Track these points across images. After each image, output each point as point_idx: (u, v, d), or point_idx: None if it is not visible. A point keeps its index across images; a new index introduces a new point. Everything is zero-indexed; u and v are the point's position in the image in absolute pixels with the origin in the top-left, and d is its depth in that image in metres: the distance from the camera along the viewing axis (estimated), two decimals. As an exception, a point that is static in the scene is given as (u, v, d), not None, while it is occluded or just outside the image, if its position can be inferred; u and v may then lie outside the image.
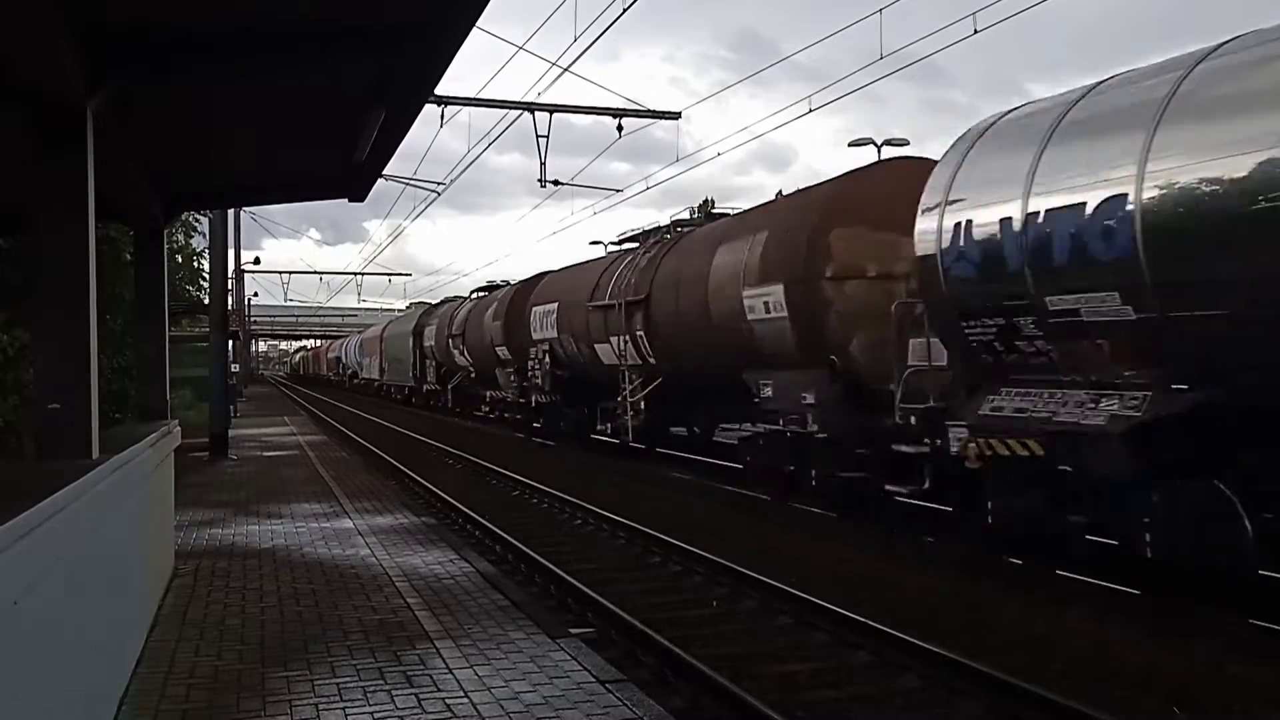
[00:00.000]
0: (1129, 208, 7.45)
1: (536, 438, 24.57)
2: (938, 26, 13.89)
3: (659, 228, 20.72)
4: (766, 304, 12.87)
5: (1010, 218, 8.58)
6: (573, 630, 6.81)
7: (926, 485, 10.10)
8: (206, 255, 22.52)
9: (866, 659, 6.90)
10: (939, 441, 9.64)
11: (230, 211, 24.29)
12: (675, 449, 19.70)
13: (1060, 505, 8.31)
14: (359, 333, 67.23)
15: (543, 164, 20.26)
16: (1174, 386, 7.45)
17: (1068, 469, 8.12)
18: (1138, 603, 7.90)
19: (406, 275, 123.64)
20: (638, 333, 17.37)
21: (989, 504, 8.98)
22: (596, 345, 19.59)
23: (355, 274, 65.11)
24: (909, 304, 10.49)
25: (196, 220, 20.95)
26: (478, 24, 5.50)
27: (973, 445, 8.96)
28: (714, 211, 18.58)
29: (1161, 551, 7.46)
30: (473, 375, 31.91)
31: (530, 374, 23.60)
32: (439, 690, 5.23)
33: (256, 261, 48.60)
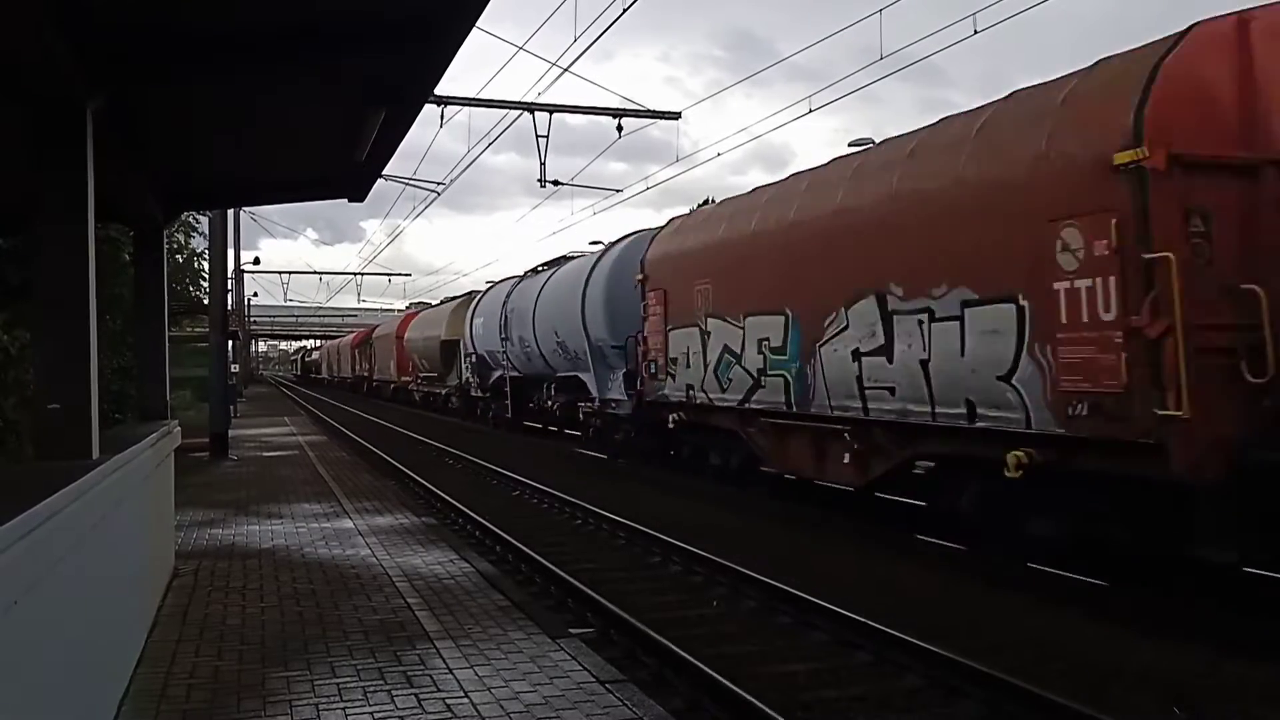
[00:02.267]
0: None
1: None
2: (938, 27, 13.88)
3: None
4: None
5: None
6: (573, 630, 6.82)
7: None
8: (206, 255, 22.49)
9: (866, 659, 6.90)
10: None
11: (230, 211, 24.29)
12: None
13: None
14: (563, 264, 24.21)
15: (543, 164, 20.27)
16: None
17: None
18: (1137, 603, 7.90)
19: (406, 275, 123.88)
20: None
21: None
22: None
23: (355, 274, 64.81)
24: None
25: (196, 220, 20.94)
26: (478, 24, 5.51)
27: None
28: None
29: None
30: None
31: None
32: (439, 690, 5.24)
33: (256, 262, 48.67)
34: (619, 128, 19.48)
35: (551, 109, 19.49)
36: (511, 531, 11.37)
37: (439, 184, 25.58)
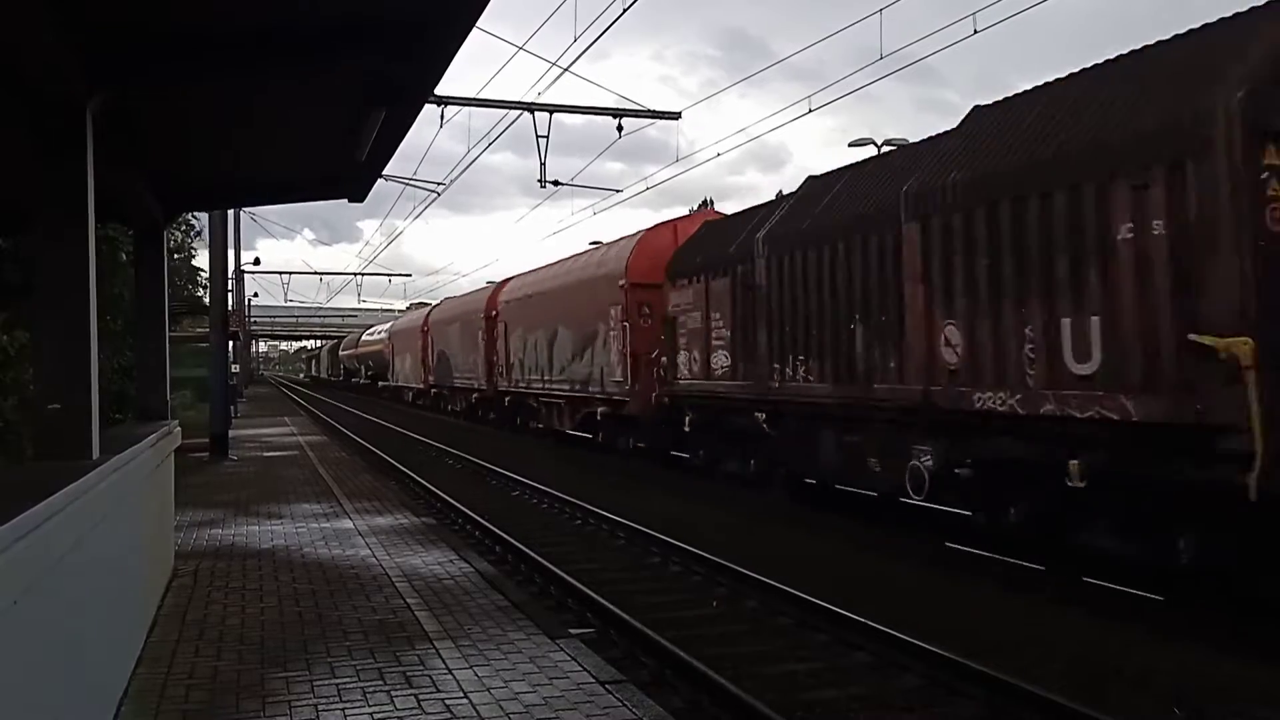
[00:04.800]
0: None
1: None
2: (937, 27, 13.87)
3: None
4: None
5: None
6: (572, 630, 6.82)
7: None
8: (206, 256, 22.49)
9: (866, 659, 6.90)
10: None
11: (229, 211, 24.27)
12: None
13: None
14: None
15: (543, 164, 20.25)
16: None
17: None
18: (1137, 603, 7.90)
19: (406, 275, 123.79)
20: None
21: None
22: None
23: (356, 274, 64.44)
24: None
25: (195, 219, 20.94)
26: (478, 24, 5.51)
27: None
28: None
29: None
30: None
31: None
32: (438, 691, 5.24)
33: (256, 262, 48.57)
34: (619, 128, 19.46)
35: (551, 109, 19.48)
36: (511, 531, 11.37)
37: (439, 184, 25.59)
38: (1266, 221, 6.79)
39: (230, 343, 24.15)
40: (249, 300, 54.15)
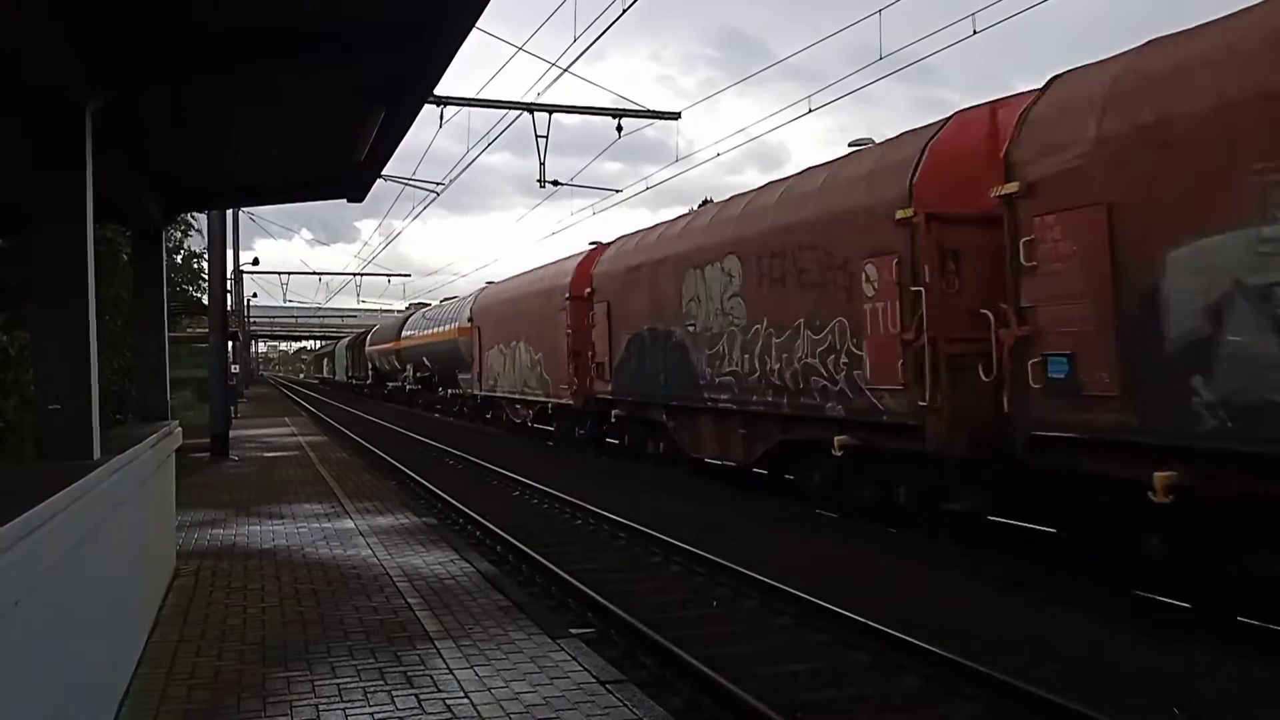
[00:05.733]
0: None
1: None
2: (936, 27, 13.85)
3: None
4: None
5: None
6: (573, 630, 6.82)
7: None
8: (205, 255, 22.46)
9: (866, 659, 6.90)
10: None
11: (228, 211, 24.26)
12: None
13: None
14: None
15: (542, 164, 20.26)
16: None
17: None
18: (1136, 603, 7.90)
19: (406, 275, 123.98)
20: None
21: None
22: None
23: (356, 274, 64.37)
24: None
25: (193, 219, 20.92)
26: (477, 24, 5.52)
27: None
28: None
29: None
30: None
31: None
32: (439, 690, 5.24)
33: (255, 262, 48.55)
34: (619, 128, 19.46)
35: (551, 109, 19.47)
36: (512, 532, 11.37)
37: (438, 184, 25.56)
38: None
39: (230, 343, 24.15)
40: (248, 300, 54.16)
